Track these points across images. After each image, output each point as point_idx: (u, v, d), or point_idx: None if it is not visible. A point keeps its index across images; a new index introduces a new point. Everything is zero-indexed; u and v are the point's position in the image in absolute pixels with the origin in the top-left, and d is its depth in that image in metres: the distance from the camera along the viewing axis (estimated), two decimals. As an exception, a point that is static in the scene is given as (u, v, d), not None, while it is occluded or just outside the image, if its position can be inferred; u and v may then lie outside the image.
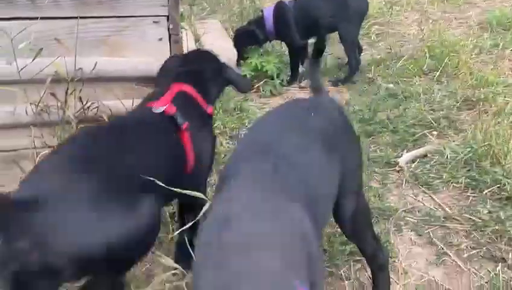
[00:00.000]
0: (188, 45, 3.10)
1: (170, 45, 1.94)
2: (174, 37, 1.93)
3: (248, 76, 3.16)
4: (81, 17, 1.79)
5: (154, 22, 1.88)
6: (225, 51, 3.60)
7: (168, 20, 1.89)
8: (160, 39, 1.91)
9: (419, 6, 4.33)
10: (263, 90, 3.16)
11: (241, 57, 3.35)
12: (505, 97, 2.60)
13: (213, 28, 4.09)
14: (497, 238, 1.77)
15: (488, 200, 1.96)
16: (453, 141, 2.37)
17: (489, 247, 1.73)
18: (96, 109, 1.83)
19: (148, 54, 1.90)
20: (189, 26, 3.94)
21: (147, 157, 1.32)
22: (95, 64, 1.79)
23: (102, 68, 1.84)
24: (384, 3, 4.31)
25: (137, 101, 1.78)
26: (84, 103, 1.79)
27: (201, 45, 3.73)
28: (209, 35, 3.91)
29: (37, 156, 1.68)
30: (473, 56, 3.18)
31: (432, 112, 2.65)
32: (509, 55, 3.19)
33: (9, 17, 1.73)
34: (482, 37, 3.55)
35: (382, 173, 2.21)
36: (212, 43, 3.78)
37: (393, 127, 2.53)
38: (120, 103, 1.85)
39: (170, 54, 1.94)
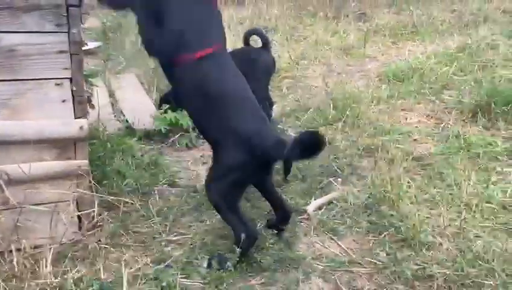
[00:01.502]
0: (100, 101, 3.09)
1: (74, 105, 1.93)
2: (78, 98, 1.93)
3: (163, 130, 3.19)
4: (-23, 81, 1.74)
5: (56, 84, 1.87)
6: (141, 104, 3.63)
7: (71, 82, 1.89)
8: (64, 101, 1.90)
9: (325, 60, 4.68)
10: (179, 144, 3.19)
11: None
12: (398, 145, 2.86)
13: (129, 82, 4.10)
14: (395, 279, 1.90)
15: (386, 242, 2.11)
16: (355, 188, 2.54)
17: (389, 288, 1.86)
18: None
19: (51, 115, 1.88)
20: (104, 81, 3.93)
21: None
22: (-8, 129, 1.74)
23: (2, 132, 1.79)
24: (293, 57, 4.60)
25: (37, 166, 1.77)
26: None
27: (116, 100, 3.72)
28: (125, 90, 3.91)
29: None
30: (372, 106, 3.48)
31: (336, 160, 2.84)
32: (402, 105, 3.53)
33: None
34: (380, 88, 3.90)
35: (292, 221, 2.29)
36: (128, 98, 3.79)
37: (302, 176, 2.67)
38: (18, 167, 1.79)
39: (74, 115, 1.93)
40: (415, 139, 3.02)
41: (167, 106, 3.26)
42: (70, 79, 1.88)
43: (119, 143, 2.81)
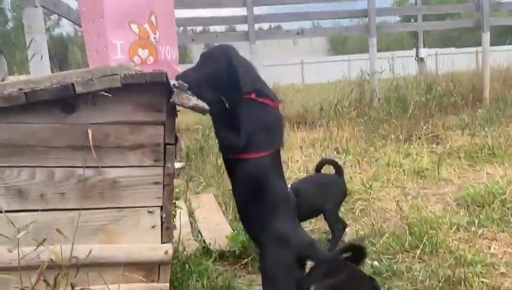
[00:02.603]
0: (182, 220, 3.30)
1: (162, 231, 2.11)
2: (166, 225, 2.11)
3: (237, 251, 3.27)
4: (83, 209, 1.99)
5: (148, 211, 2.08)
6: (217, 225, 3.79)
7: (161, 209, 2.10)
8: (153, 227, 2.09)
9: (399, 182, 4.67)
10: (251, 266, 3.23)
11: None
12: (482, 278, 2.68)
13: (207, 202, 4.34)
14: None
15: None
16: (438, 325, 2.38)
17: None
18: (85, 294, 1.91)
19: (140, 240, 2.06)
20: (185, 201, 4.20)
21: None
22: (90, 252, 1.93)
23: (97, 255, 1.97)
24: (365, 180, 4.66)
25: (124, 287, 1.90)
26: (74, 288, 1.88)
27: (195, 220, 3.93)
28: (203, 210, 4.13)
29: None
30: (451, 233, 3.35)
31: (415, 291, 2.71)
32: (485, 233, 3.36)
33: (19, 209, 1.94)
34: (459, 214, 3.77)
35: None
36: (206, 217, 3.99)
37: (379, 308, 2.55)
38: (107, 288, 1.93)
39: (161, 240, 2.10)
40: (501, 272, 2.82)
41: None
42: (161, 207, 2.08)
43: (196, 264, 2.92)
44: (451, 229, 3.42)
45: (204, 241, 3.47)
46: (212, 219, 3.93)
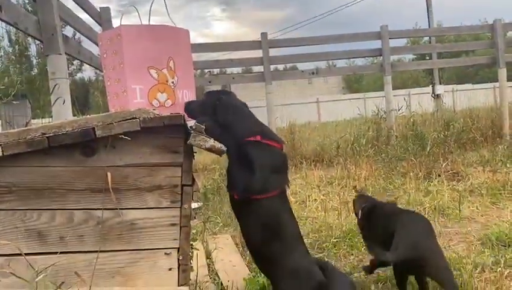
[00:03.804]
0: (199, 261, 3.27)
1: (179, 273, 2.10)
2: (183, 267, 2.10)
3: (254, 294, 3.20)
4: (101, 251, 2.00)
5: (165, 253, 2.07)
6: (235, 266, 3.74)
7: (178, 251, 2.09)
8: (170, 269, 2.08)
9: (420, 221, 4.56)
10: (270, 312, 3.15)
11: None
12: (513, 323, 2.56)
13: (225, 243, 4.30)
14: None
15: None
16: None
17: None
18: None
19: (157, 283, 2.05)
20: (202, 243, 4.17)
21: None
22: (107, 295, 1.93)
23: (114, 298, 1.97)
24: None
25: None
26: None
27: (212, 261, 3.89)
28: (220, 251, 4.09)
29: None
30: (476, 274, 3.22)
31: (441, 337, 2.59)
32: (511, 273, 3.23)
33: (39, 251, 1.96)
34: (484, 253, 3.64)
35: None
36: (223, 259, 3.94)
37: None
38: (125, 333, 1.91)
39: (178, 282, 2.08)
40: (532, 316, 2.69)
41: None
42: (178, 249, 2.08)
43: (213, 308, 2.86)
44: (476, 269, 3.30)
45: (221, 283, 3.41)
46: (229, 260, 3.88)
